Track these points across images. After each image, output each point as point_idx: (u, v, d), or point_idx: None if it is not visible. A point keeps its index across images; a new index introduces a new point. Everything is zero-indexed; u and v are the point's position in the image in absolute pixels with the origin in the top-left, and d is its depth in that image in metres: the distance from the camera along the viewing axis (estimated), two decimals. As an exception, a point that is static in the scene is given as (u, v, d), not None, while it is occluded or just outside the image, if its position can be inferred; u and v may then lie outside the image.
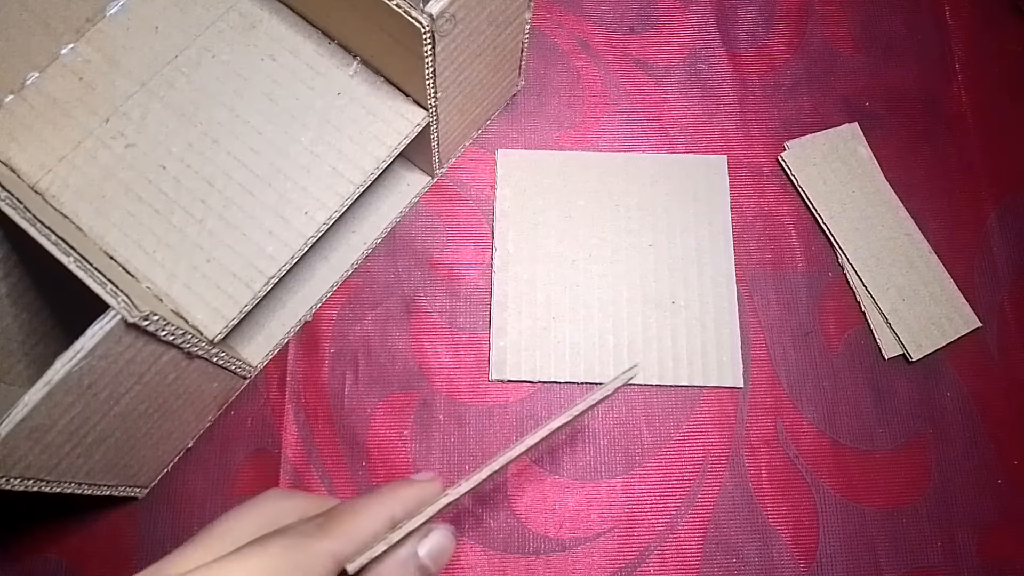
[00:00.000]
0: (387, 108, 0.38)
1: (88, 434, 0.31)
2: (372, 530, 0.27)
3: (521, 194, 0.45)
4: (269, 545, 0.26)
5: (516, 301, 0.43)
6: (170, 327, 0.31)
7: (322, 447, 0.41)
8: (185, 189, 0.37)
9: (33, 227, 0.30)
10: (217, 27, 0.40)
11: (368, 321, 0.43)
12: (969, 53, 0.49)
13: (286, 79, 0.39)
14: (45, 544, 0.40)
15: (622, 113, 0.47)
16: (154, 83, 0.39)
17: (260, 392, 0.42)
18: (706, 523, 0.41)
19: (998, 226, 0.45)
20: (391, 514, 0.27)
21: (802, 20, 0.49)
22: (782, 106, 0.47)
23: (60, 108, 0.39)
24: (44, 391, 0.27)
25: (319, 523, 0.27)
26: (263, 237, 0.37)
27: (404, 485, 0.29)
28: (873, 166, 0.46)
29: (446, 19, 0.32)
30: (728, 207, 0.45)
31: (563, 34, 0.48)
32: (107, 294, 0.28)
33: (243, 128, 0.38)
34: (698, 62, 0.48)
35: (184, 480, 0.41)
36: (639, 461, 0.41)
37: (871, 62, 0.48)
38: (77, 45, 0.40)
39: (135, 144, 0.38)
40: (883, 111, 0.47)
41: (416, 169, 0.45)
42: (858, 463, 0.41)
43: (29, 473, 0.30)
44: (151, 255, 0.36)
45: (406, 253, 0.44)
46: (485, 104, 0.44)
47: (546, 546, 0.40)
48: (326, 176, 0.37)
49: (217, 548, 0.27)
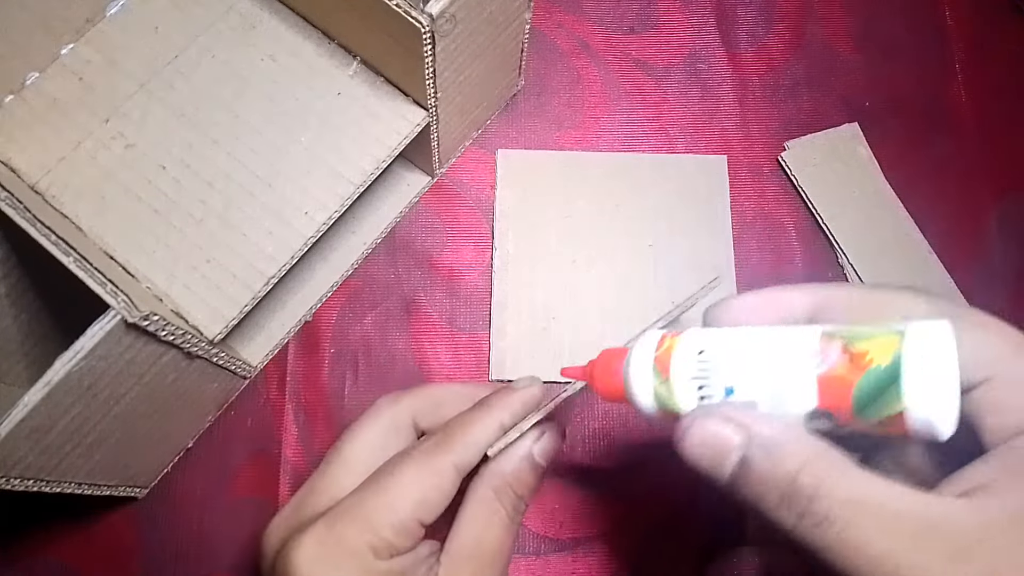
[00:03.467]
0: (387, 108, 0.38)
1: (88, 434, 0.31)
2: (485, 440, 0.30)
3: (521, 194, 0.45)
4: (401, 474, 0.29)
5: (516, 301, 0.43)
6: (170, 327, 0.31)
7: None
8: (185, 189, 0.37)
9: (33, 227, 0.30)
10: (217, 27, 0.40)
11: (368, 321, 0.43)
12: (969, 53, 0.49)
13: (286, 79, 0.39)
14: (45, 544, 0.40)
15: (622, 113, 0.47)
16: (154, 83, 0.39)
17: (260, 392, 0.42)
18: (707, 524, 0.40)
19: (998, 226, 0.45)
20: (500, 422, 0.31)
21: (802, 20, 0.49)
22: (782, 106, 0.47)
23: (60, 108, 0.39)
24: (44, 391, 0.27)
25: (438, 441, 0.30)
26: (263, 237, 0.37)
27: (508, 393, 0.32)
28: (873, 166, 0.46)
29: (446, 19, 0.32)
30: (728, 207, 0.45)
31: (563, 34, 0.48)
32: (107, 294, 0.28)
33: (243, 128, 0.38)
34: (698, 62, 0.48)
35: (184, 480, 0.41)
36: (639, 461, 0.41)
37: (871, 62, 0.48)
38: (77, 45, 0.40)
39: (135, 144, 0.38)
40: (883, 111, 0.47)
41: (416, 169, 0.45)
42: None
43: (29, 473, 0.30)
44: (151, 255, 0.36)
45: (406, 253, 0.44)
46: (485, 104, 0.44)
47: (546, 546, 0.40)
48: (326, 176, 0.37)
49: (351, 475, 0.31)
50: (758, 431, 0.23)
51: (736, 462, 0.23)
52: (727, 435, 0.23)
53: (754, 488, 0.23)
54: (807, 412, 0.23)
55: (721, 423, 0.23)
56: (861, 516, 0.21)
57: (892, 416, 0.22)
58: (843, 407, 0.22)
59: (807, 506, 0.22)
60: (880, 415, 0.22)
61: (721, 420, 0.23)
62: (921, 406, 0.21)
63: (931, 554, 0.20)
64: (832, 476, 0.22)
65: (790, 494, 0.22)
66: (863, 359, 0.22)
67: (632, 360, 0.26)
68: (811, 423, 0.23)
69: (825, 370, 0.23)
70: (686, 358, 0.25)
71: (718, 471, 0.23)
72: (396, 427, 0.33)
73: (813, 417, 0.23)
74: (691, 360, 0.25)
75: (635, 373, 0.26)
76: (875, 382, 0.22)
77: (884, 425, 0.22)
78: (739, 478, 0.23)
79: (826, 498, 0.21)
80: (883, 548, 0.21)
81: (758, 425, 0.23)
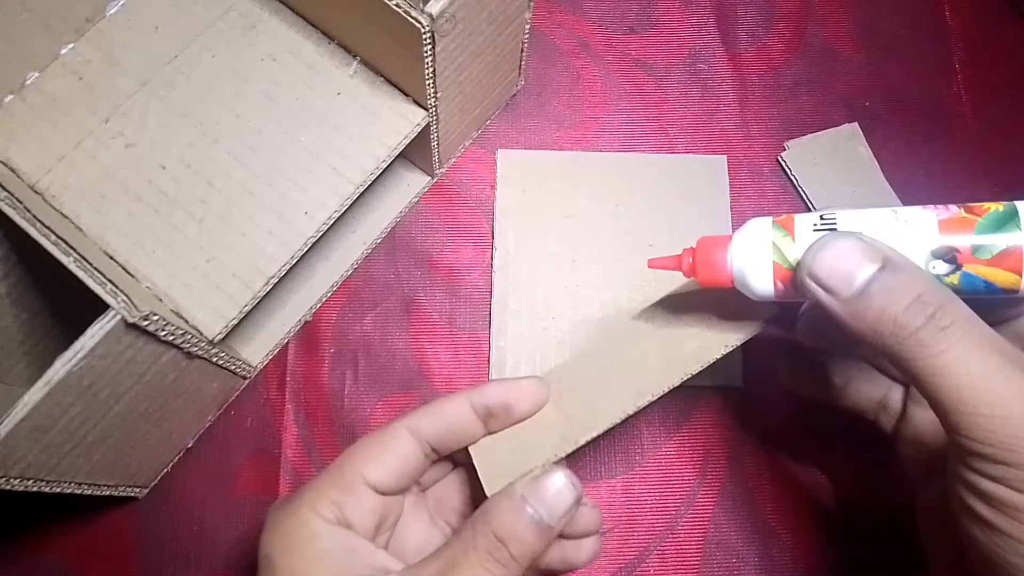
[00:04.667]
0: (387, 108, 0.38)
1: (88, 434, 0.31)
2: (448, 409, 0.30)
3: (521, 194, 0.45)
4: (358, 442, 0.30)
5: (516, 301, 0.43)
6: (170, 327, 0.31)
7: (322, 447, 0.41)
8: (185, 189, 0.37)
9: (33, 227, 0.30)
10: (217, 27, 0.40)
11: (368, 321, 0.43)
12: (969, 53, 0.49)
13: (286, 79, 0.39)
14: (45, 544, 0.40)
15: (622, 113, 0.47)
16: (154, 83, 0.39)
17: (260, 392, 0.42)
18: (706, 523, 0.41)
19: (998, 226, 0.45)
20: (468, 397, 0.30)
21: (802, 20, 0.49)
22: (782, 106, 0.47)
23: (60, 108, 0.39)
24: (44, 391, 0.27)
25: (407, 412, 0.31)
26: (263, 237, 0.37)
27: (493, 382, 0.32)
28: (873, 166, 0.46)
29: (446, 19, 0.32)
30: (728, 207, 0.45)
31: (563, 34, 0.48)
32: (107, 294, 0.28)
33: (243, 128, 0.38)
34: (698, 62, 0.48)
35: (184, 480, 0.41)
36: (639, 461, 0.41)
37: (871, 62, 0.48)
38: (77, 45, 0.40)
39: (135, 144, 0.38)
40: (883, 111, 0.47)
41: (416, 169, 0.45)
42: (860, 462, 0.41)
43: (29, 473, 0.30)
44: (151, 255, 0.36)
45: (406, 253, 0.44)
46: (485, 104, 0.44)
47: (546, 546, 0.40)
48: (326, 176, 0.37)
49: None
50: (892, 256, 0.25)
51: (869, 276, 0.24)
52: (861, 255, 0.25)
53: (882, 299, 0.24)
54: (931, 250, 0.25)
55: (858, 243, 0.25)
56: (973, 336, 0.23)
57: (1009, 250, 0.24)
58: (964, 242, 0.25)
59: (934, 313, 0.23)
60: (997, 249, 0.24)
61: (858, 241, 0.25)
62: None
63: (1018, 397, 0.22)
64: (953, 300, 0.24)
65: (917, 304, 0.23)
66: (981, 208, 0.25)
67: (751, 224, 0.28)
68: (931, 264, 0.25)
69: (947, 215, 0.25)
70: (809, 219, 0.27)
71: (849, 283, 0.24)
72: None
73: (935, 256, 0.25)
74: (814, 219, 0.27)
75: (753, 235, 0.28)
76: (995, 219, 0.25)
77: (1000, 263, 0.24)
78: (867, 293, 0.24)
79: (949, 314, 0.23)
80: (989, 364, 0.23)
81: (891, 252, 0.25)
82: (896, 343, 0.24)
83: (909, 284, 0.24)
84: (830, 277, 0.25)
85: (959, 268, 0.25)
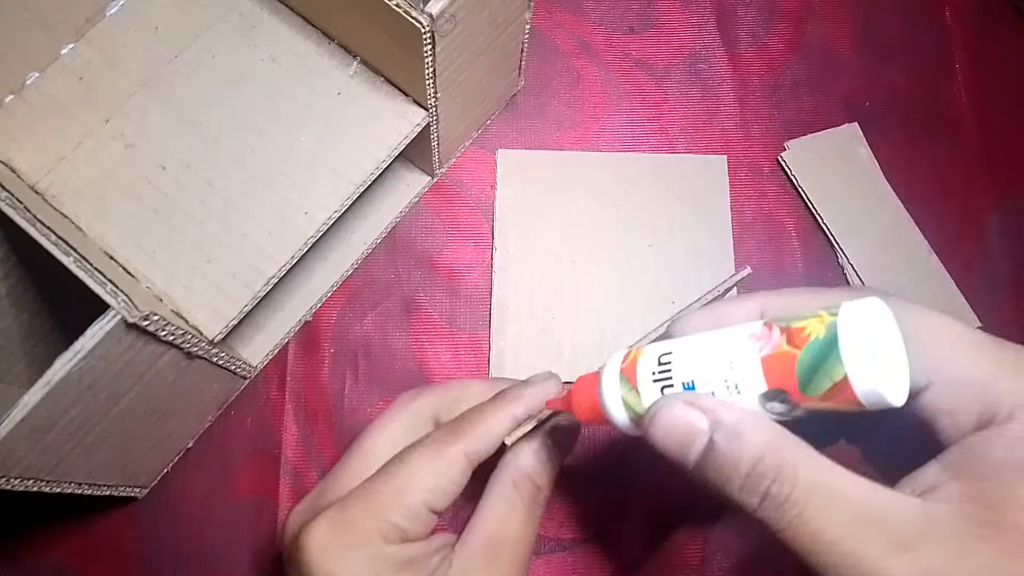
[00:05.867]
0: (387, 108, 0.38)
1: (88, 434, 0.31)
2: (498, 431, 0.31)
3: (521, 194, 0.45)
4: (412, 461, 0.30)
5: (516, 301, 0.43)
6: (170, 327, 0.31)
7: (322, 447, 0.41)
8: (185, 189, 0.37)
9: (33, 227, 0.30)
10: (217, 27, 0.40)
11: (368, 321, 0.43)
12: (969, 54, 0.49)
13: (286, 79, 0.39)
14: (45, 544, 0.40)
15: (622, 113, 0.47)
16: (154, 83, 0.39)
17: (260, 392, 0.42)
18: (706, 523, 0.40)
19: (998, 226, 0.45)
20: (513, 415, 0.31)
21: (802, 20, 0.49)
22: (782, 106, 0.47)
23: (60, 108, 0.39)
24: (44, 391, 0.27)
25: (449, 430, 0.31)
26: (263, 237, 0.37)
27: (523, 387, 0.32)
28: (873, 166, 0.46)
29: (446, 19, 0.32)
30: (728, 207, 0.45)
31: (563, 34, 0.48)
32: (107, 294, 0.28)
33: (243, 128, 0.38)
34: (698, 62, 0.48)
35: (184, 480, 0.41)
36: (639, 460, 0.41)
37: (871, 62, 0.48)
38: (77, 45, 0.40)
39: (135, 144, 0.38)
40: (883, 111, 0.47)
41: (416, 169, 0.45)
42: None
43: (29, 473, 0.30)
44: (151, 255, 0.36)
45: (406, 253, 0.44)
46: (485, 104, 0.44)
47: (546, 546, 0.40)
48: (326, 176, 0.37)
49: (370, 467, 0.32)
50: (721, 415, 0.23)
51: (702, 447, 0.24)
52: (692, 420, 0.24)
53: (720, 472, 0.23)
54: (760, 395, 0.24)
55: (685, 408, 0.24)
56: (818, 501, 0.22)
57: (838, 384, 0.22)
58: (791, 383, 0.23)
59: (769, 488, 0.22)
60: (826, 385, 0.22)
61: (685, 405, 0.24)
62: (861, 368, 0.22)
63: (877, 545, 0.21)
64: (793, 460, 0.22)
65: (754, 476, 0.22)
66: (801, 334, 0.23)
67: (604, 376, 0.28)
68: (768, 407, 0.24)
69: (768, 351, 0.23)
70: (649, 364, 0.26)
71: (685, 456, 0.24)
72: (417, 422, 0.34)
73: (768, 399, 0.24)
74: (653, 364, 0.26)
75: (607, 388, 0.27)
76: (815, 352, 0.23)
77: (835, 398, 0.22)
78: (705, 462, 0.24)
79: (788, 481, 0.22)
80: (835, 534, 0.21)
81: (721, 410, 0.24)
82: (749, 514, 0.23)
83: (740, 453, 0.23)
84: (668, 447, 0.24)
85: (796, 406, 0.23)
